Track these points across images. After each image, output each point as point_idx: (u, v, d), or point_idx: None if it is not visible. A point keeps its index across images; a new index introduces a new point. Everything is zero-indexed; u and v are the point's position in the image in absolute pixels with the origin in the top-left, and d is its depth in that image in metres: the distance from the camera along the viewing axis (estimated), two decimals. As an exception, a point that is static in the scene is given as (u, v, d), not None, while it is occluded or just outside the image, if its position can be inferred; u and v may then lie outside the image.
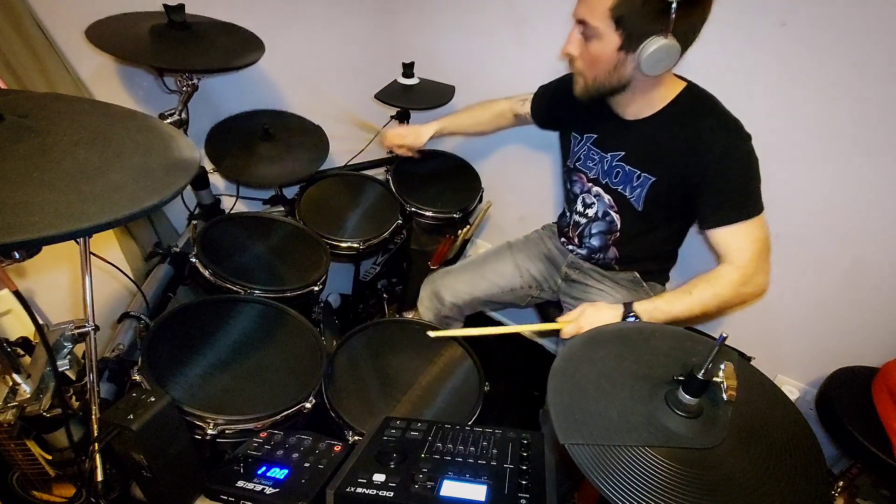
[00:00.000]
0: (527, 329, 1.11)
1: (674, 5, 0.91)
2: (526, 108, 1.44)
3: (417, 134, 1.54)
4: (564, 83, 1.35)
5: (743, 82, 1.21)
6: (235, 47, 1.26)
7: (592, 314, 1.11)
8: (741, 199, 1.06)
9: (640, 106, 1.13)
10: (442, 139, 1.99)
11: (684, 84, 1.12)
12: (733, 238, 1.07)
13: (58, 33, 1.18)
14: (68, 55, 1.22)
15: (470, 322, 1.57)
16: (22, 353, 0.92)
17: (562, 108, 1.33)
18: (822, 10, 1.10)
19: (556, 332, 1.16)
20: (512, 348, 2.11)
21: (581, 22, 1.02)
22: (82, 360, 0.96)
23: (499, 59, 1.69)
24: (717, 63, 1.20)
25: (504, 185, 1.87)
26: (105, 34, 1.11)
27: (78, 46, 1.20)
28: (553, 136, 1.52)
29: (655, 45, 0.96)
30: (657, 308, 1.09)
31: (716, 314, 1.35)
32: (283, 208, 1.66)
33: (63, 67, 1.20)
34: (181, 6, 1.18)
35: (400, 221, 1.57)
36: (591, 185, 1.27)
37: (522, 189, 1.86)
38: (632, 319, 1.09)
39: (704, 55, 1.06)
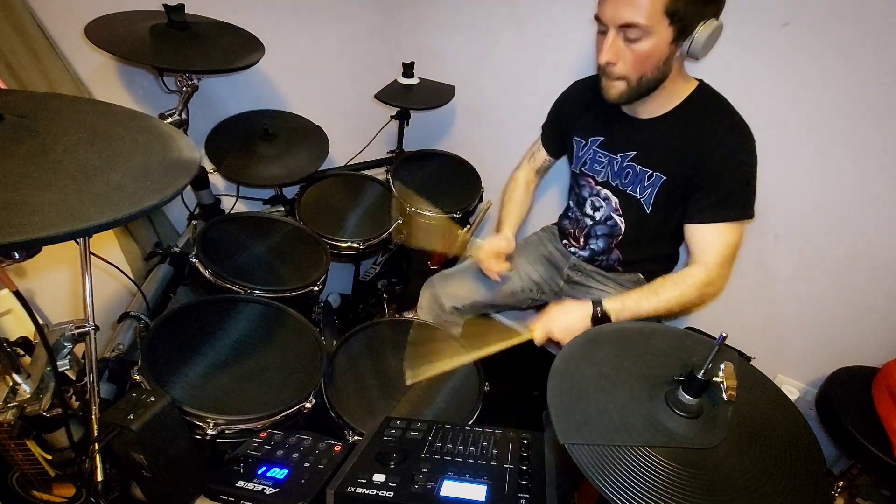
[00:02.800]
0: (498, 348, 1.08)
1: None
2: (542, 155, 1.44)
3: (508, 242, 1.35)
4: (559, 103, 1.37)
5: (744, 82, 1.21)
6: (235, 48, 1.26)
7: (559, 315, 1.11)
8: (731, 201, 1.07)
9: (658, 104, 1.12)
10: (442, 139, 1.99)
11: (696, 83, 1.12)
12: (711, 237, 1.09)
13: (58, 33, 1.18)
14: (68, 55, 1.22)
15: (470, 324, 1.57)
16: (22, 353, 0.92)
17: (565, 122, 1.34)
18: (824, 10, 1.10)
19: (531, 342, 1.14)
20: (512, 348, 2.10)
21: (625, 25, 0.98)
22: (82, 360, 0.96)
23: (499, 59, 1.69)
24: (717, 62, 1.20)
25: (503, 185, 1.87)
26: (105, 33, 1.11)
27: (78, 46, 1.20)
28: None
29: (710, 28, 0.97)
30: (626, 307, 1.10)
31: (679, 314, 1.37)
32: (283, 208, 1.66)
33: (63, 67, 1.20)
34: (181, 6, 1.18)
35: (400, 221, 1.56)
36: (599, 188, 1.26)
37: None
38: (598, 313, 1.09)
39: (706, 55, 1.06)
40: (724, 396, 0.64)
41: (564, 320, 1.11)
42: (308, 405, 1.02)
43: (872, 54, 1.09)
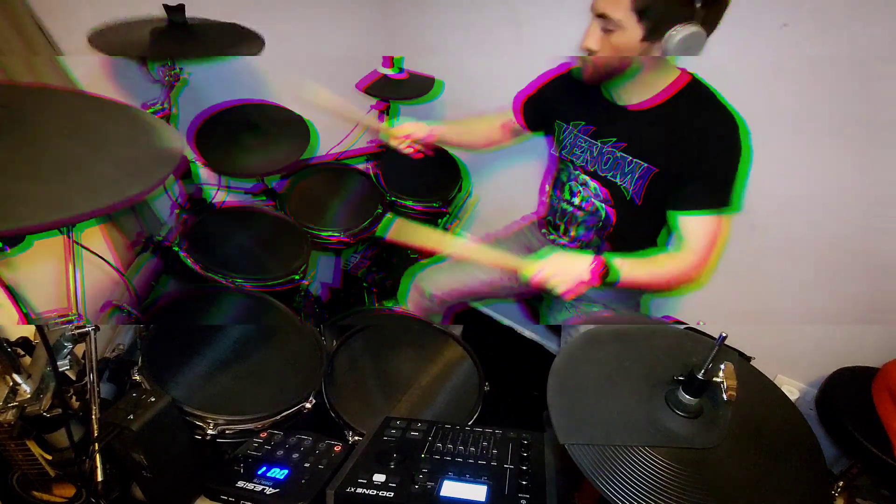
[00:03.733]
0: (488, 260, 1.11)
1: None
2: (510, 114, 1.44)
3: (420, 126, 1.44)
4: (543, 80, 1.35)
5: (743, 80, 1.21)
6: (234, 42, 1.25)
7: (560, 259, 1.09)
8: (716, 189, 1.08)
9: (637, 92, 1.12)
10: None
11: (689, 77, 1.12)
12: (696, 226, 1.10)
13: (51, 27, 1.17)
14: (56, 45, 1.20)
15: (457, 317, 1.57)
16: (22, 353, 0.92)
17: (548, 102, 1.33)
18: (823, 9, 1.10)
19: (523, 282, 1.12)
20: (512, 348, 2.11)
21: (601, 16, 1.01)
22: (82, 360, 0.96)
23: (493, 55, 1.68)
24: (716, 61, 1.20)
25: (490, 180, 1.86)
26: (107, 39, 1.10)
27: (67, 37, 1.18)
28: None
29: (683, 33, 0.97)
30: (626, 263, 1.09)
31: (657, 290, 1.39)
32: (268, 199, 1.65)
33: (48, 57, 1.18)
34: (181, 7, 1.18)
35: (380, 211, 1.56)
36: (577, 172, 1.26)
37: (508, 183, 1.85)
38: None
39: (704, 53, 1.06)
40: (724, 396, 0.64)
41: (565, 264, 1.08)
42: (308, 405, 1.02)
43: (871, 52, 1.09)
